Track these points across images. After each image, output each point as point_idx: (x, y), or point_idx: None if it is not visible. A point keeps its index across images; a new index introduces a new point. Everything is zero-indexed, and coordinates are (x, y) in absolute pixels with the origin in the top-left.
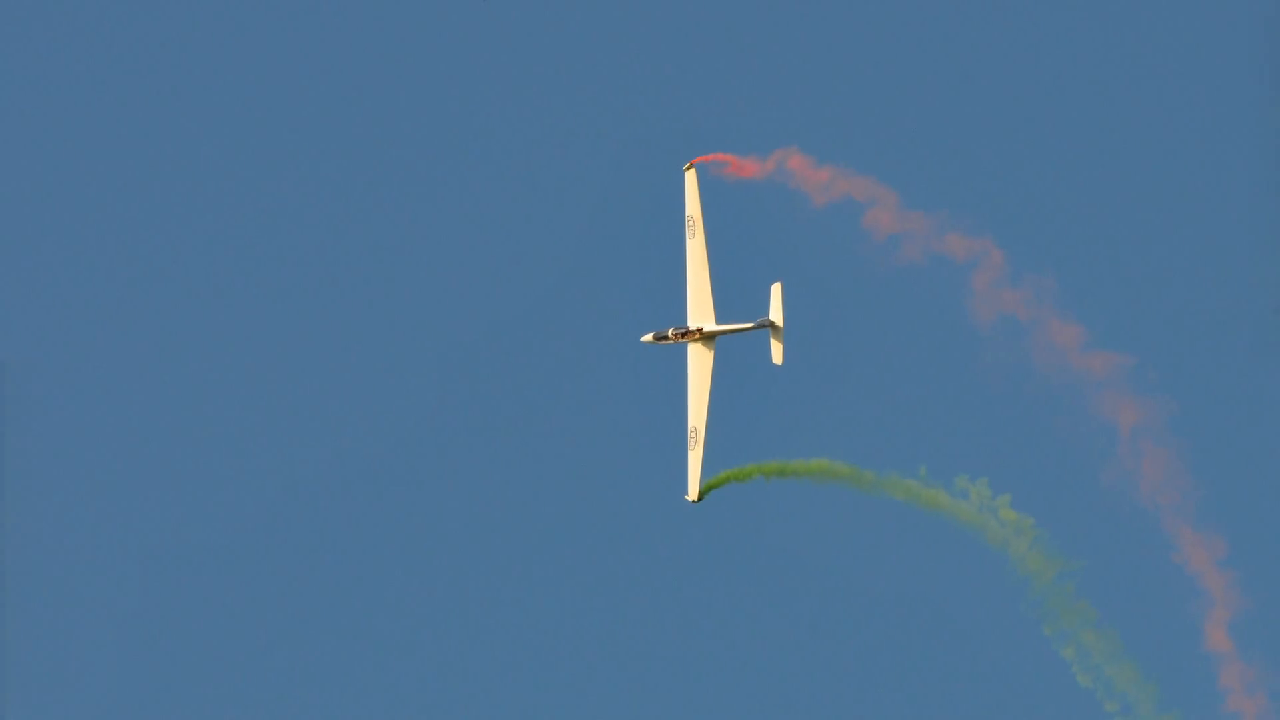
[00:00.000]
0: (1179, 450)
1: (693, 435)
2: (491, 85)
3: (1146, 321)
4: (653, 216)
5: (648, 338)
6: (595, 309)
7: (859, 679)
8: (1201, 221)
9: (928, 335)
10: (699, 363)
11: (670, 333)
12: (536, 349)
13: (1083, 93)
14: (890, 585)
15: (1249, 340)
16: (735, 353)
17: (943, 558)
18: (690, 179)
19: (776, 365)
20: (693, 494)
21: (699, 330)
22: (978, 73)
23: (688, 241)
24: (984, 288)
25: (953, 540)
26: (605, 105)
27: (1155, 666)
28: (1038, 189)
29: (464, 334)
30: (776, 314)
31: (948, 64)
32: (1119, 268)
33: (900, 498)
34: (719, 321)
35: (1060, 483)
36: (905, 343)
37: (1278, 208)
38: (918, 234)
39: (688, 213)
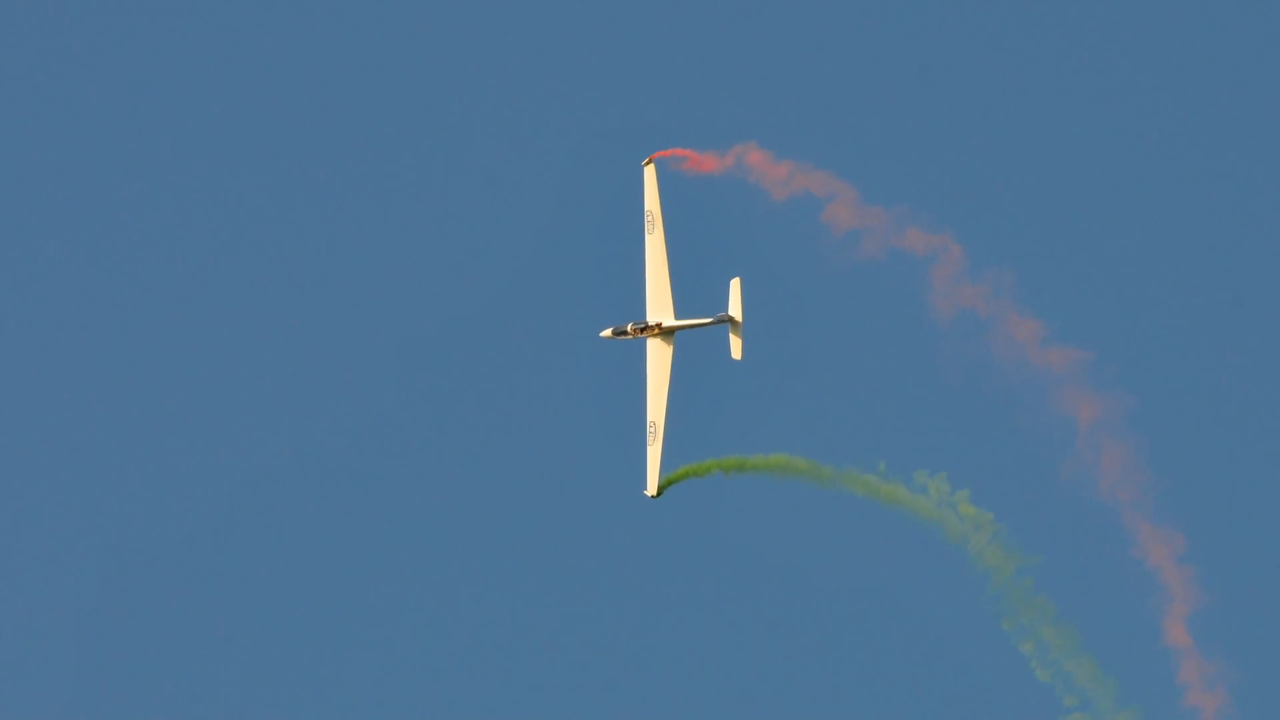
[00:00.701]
0: (1138, 445)
1: (652, 430)
2: (451, 82)
3: (1105, 316)
4: (612, 211)
5: (607, 333)
6: (554, 304)
7: (818, 674)
8: (1160, 217)
9: (887, 330)
10: (658, 358)
11: (629, 328)
12: (495, 344)
13: (1042, 88)
14: (849, 580)
15: (1207, 335)
16: (694, 348)
17: (902, 553)
18: (649, 174)
19: (735, 360)
20: (651, 489)
21: (658, 325)
22: (937, 68)
23: (647, 236)
24: (943, 283)
25: (912, 535)
26: (565, 101)
27: (1114, 661)
28: (997, 184)
29: (423, 329)
30: (736, 309)
31: (907, 59)
32: (1078, 263)
33: (859, 493)
34: (678, 316)
35: (1019, 478)
36: (865, 338)
37: (1236, 202)
38: (877, 229)
39: (647, 208)
